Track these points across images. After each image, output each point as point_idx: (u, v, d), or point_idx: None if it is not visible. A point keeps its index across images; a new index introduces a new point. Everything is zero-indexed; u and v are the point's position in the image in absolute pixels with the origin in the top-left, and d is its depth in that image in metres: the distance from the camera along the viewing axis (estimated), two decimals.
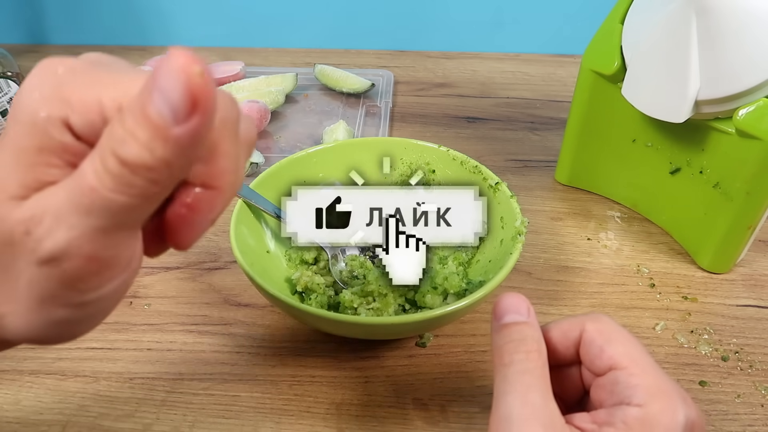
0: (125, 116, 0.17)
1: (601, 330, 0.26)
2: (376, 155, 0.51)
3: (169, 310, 0.45)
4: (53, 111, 0.18)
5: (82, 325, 0.21)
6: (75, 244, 0.18)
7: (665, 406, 0.23)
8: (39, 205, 0.18)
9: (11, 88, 0.45)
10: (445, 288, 0.41)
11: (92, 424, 0.37)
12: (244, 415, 0.37)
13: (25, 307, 0.19)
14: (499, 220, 0.44)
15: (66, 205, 0.18)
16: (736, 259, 0.49)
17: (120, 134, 0.17)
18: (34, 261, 0.18)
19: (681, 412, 0.23)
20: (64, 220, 0.18)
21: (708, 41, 0.40)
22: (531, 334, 0.26)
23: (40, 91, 0.18)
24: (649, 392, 0.24)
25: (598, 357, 0.25)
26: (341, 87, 0.74)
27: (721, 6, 0.39)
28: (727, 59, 0.40)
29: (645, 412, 0.23)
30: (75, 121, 0.18)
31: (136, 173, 0.17)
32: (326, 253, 0.45)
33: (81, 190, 0.17)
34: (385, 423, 0.37)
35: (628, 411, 0.23)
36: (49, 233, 0.18)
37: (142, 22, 0.89)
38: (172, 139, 0.16)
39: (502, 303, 0.27)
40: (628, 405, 0.24)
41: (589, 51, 0.50)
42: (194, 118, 0.16)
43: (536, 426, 0.23)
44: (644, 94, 0.45)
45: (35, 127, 0.18)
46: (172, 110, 0.16)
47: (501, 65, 0.85)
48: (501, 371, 0.25)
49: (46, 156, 0.18)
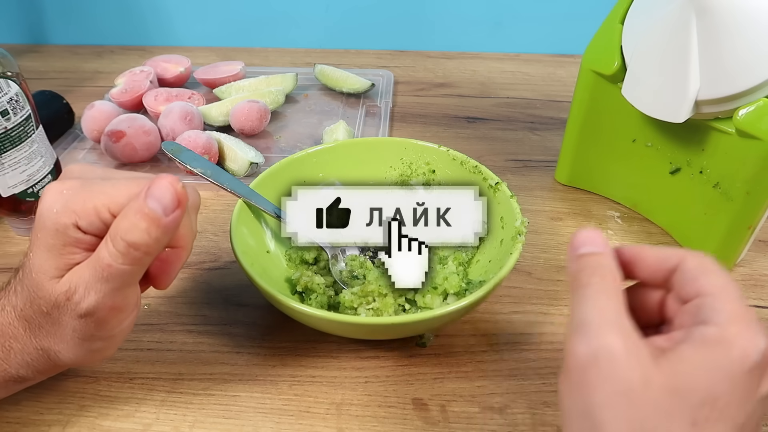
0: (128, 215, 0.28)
1: (701, 263, 0.26)
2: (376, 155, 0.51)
3: (169, 310, 0.45)
4: (67, 220, 0.29)
5: (109, 350, 0.33)
6: (101, 302, 0.29)
7: (744, 331, 0.23)
8: (72, 280, 0.29)
9: (11, 88, 0.45)
10: (445, 288, 0.41)
11: (92, 424, 0.37)
12: (244, 415, 0.37)
13: (72, 344, 0.31)
14: (499, 220, 0.44)
15: (92, 279, 0.29)
16: (736, 259, 0.49)
17: (125, 226, 0.28)
18: (75, 316, 0.29)
19: (762, 341, 0.23)
20: (92, 287, 0.29)
21: (708, 41, 0.40)
22: (607, 263, 0.26)
23: (56, 208, 0.29)
24: (731, 316, 0.23)
25: (690, 284, 0.25)
26: (341, 87, 0.74)
27: (721, 6, 0.39)
28: (726, 59, 0.40)
29: (722, 331, 0.23)
30: (82, 224, 0.29)
31: (138, 249, 0.28)
32: (326, 253, 0.45)
33: (101, 267, 0.28)
34: (385, 423, 0.37)
35: (705, 330, 0.23)
36: (83, 298, 0.29)
37: (142, 22, 0.90)
38: (163, 225, 0.28)
39: (579, 236, 0.27)
40: (706, 324, 0.23)
41: (589, 51, 0.50)
42: (177, 211, 0.28)
43: (613, 331, 0.23)
44: (644, 94, 0.45)
45: (58, 231, 0.29)
46: (163, 208, 0.28)
47: (501, 65, 0.85)
48: (578, 292, 0.25)
49: (69, 248, 0.29)
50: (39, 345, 0.31)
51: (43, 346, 0.31)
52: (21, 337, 0.31)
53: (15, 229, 0.52)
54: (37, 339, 0.31)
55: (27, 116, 0.47)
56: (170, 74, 0.73)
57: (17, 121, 0.46)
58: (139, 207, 0.28)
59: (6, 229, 0.53)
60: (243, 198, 0.43)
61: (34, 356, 0.32)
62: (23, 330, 0.31)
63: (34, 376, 0.33)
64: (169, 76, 0.73)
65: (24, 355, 0.31)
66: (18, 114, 0.46)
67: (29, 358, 0.32)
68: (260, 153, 0.60)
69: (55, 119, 0.64)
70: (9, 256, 0.50)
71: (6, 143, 0.45)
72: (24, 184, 0.48)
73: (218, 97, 0.71)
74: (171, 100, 0.66)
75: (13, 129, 0.45)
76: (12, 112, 0.45)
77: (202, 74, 0.74)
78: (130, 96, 0.67)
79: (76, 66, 0.85)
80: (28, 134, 0.47)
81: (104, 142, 0.58)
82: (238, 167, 0.58)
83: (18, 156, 0.47)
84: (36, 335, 0.31)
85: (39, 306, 0.30)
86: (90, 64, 0.85)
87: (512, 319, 0.44)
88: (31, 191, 0.49)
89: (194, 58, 0.79)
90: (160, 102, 0.66)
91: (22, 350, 0.31)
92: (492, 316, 0.44)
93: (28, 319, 0.31)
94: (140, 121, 0.60)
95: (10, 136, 0.45)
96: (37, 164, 0.49)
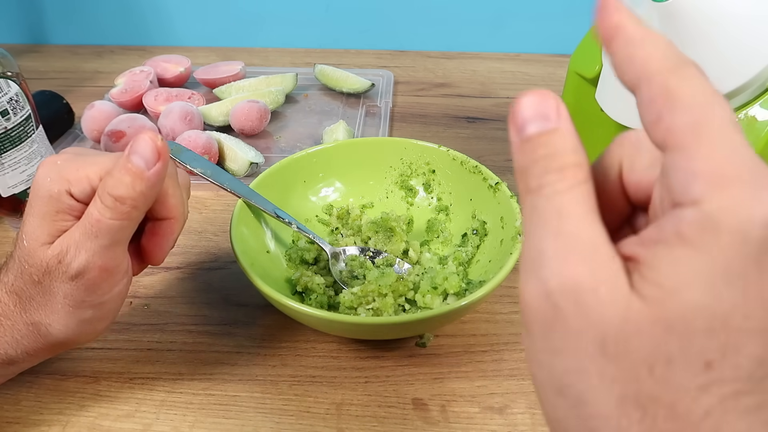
0: (113, 173, 0.29)
1: (669, 86, 0.17)
2: (376, 155, 0.51)
3: (169, 310, 0.45)
4: (61, 187, 0.30)
5: (100, 322, 0.33)
6: (91, 260, 0.30)
7: (735, 198, 0.15)
8: (63, 243, 0.30)
9: (11, 88, 0.45)
10: (445, 288, 0.41)
11: (92, 424, 0.37)
12: (244, 415, 0.37)
13: (63, 314, 0.31)
14: (499, 220, 0.44)
15: (81, 237, 0.30)
16: None
17: (111, 183, 0.29)
18: (66, 279, 0.30)
19: (758, 208, 0.15)
20: (82, 246, 0.30)
21: None
22: (564, 144, 0.18)
23: (51, 176, 0.30)
24: (711, 179, 0.15)
25: (653, 127, 0.17)
26: (341, 87, 0.74)
27: (684, 13, 0.37)
28: None
29: (702, 212, 0.15)
30: (74, 191, 0.30)
31: (124, 203, 0.29)
32: (326, 253, 0.45)
33: (90, 223, 0.29)
34: (385, 423, 0.37)
35: (681, 215, 0.16)
36: (74, 257, 0.30)
37: (142, 22, 0.89)
38: (146, 178, 0.29)
39: (521, 107, 0.19)
40: (682, 206, 0.16)
41: (576, 53, 0.49)
42: (159, 163, 0.29)
43: (574, 260, 0.17)
44: (613, 99, 0.44)
45: (51, 198, 0.30)
46: (145, 161, 0.29)
47: (501, 65, 0.85)
48: (528, 200, 0.18)
49: (61, 214, 0.30)
50: (29, 319, 0.31)
51: (33, 320, 0.31)
52: (10, 313, 0.31)
53: (15, 229, 0.52)
54: (27, 313, 0.31)
55: (27, 116, 0.47)
56: (170, 74, 0.73)
57: (17, 121, 0.46)
58: (123, 163, 0.29)
59: (6, 229, 0.53)
60: (243, 198, 0.43)
61: (23, 332, 0.32)
62: (13, 305, 0.31)
63: (23, 358, 0.33)
64: (169, 76, 0.73)
65: (13, 332, 0.32)
66: (18, 114, 0.46)
67: (18, 336, 0.32)
68: (260, 153, 0.60)
69: (55, 119, 0.64)
70: None
71: (6, 143, 0.45)
72: (24, 184, 0.48)
73: (218, 97, 0.71)
74: (171, 100, 0.66)
75: (13, 129, 0.45)
76: (12, 112, 0.45)
77: (202, 74, 0.74)
78: (130, 96, 0.67)
79: (76, 66, 0.85)
80: (28, 134, 0.47)
81: (104, 142, 0.58)
82: (238, 167, 0.58)
83: (18, 156, 0.47)
84: (26, 309, 0.31)
85: (30, 275, 0.31)
86: (90, 64, 0.85)
87: (512, 319, 0.44)
88: None
89: (194, 58, 0.79)
90: (160, 102, 0.66)
91: (12, 327, 0.31)
92: (492, 316, 0.44)
93: (19, 292, 0.31)
94: (140, 121, 0.60)
95: (10, 136, 0.45)
96: (37, 164, 0.49)
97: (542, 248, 0.17)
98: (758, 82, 0.38)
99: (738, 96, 0.38)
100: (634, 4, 0.41)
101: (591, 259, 0.17)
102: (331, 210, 0.50)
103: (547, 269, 0.17)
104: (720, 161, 0.16)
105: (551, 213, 0.18)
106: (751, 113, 0.38)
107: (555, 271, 0.17)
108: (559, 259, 0.17)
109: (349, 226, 0.49)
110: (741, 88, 0.37)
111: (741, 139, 0.16)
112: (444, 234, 0.49)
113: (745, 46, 0.37)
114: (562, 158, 0.18)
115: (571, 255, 0.17)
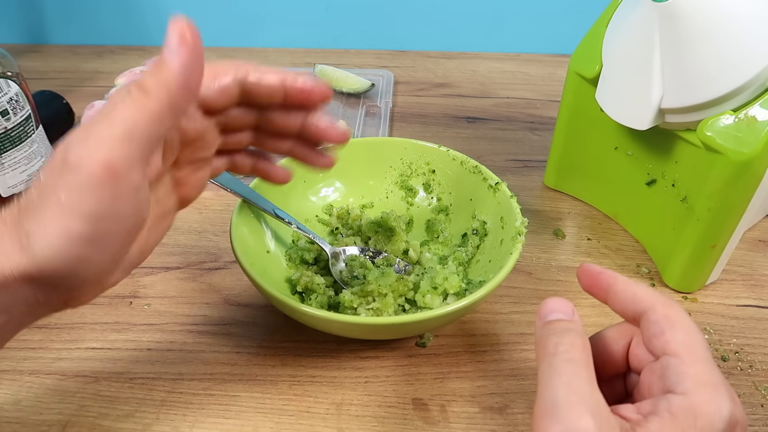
0: None
1: (668, 315, 0.26)
2: (376, 155, 0.51)
3: (169, 310, 0.45)
4: None
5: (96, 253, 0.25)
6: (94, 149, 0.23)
7: (710, 398, 0.23)
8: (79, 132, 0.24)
9: (11, 88, 0.45)
10: (445, 288, 0.41)
11: (92, 424, 0.37)
12: (244, 415, 0.37)
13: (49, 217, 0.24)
14: (499, 220, 0.44)
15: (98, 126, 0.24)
16: (705, 281, 0.46)
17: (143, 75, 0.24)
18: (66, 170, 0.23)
19: (726, 406, 0.23)
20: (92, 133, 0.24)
21: (671, 48, 0.38)
22: (575, 329, 0.26)
23: None
24: (696, 381, 0.24)
25: (657, 337, 0.26)
26: (341, 87, 0.74)
27: (685, 14, 0.37)
28: (690, 68, 0.38)
29: (689, 400, 0.23)
30: None
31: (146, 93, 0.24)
32: (326, 253, 0.45)
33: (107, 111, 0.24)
34: (385, 423, 0.37)
35: (672, 400, 0.24)
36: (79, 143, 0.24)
37: (142, 22, 0.89)
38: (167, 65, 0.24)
39: (547, 304, 0.28)
40: (674, 393, 0.24)
41: (576, 53, 0.49)
42: (182, 49, 0.24)
43: (583, 411, 0.23)
44: (613, 99, 0.44)
45: None
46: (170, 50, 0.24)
47: (501, 65, 0.85)
48: (545, 360, 0.25)
49: None
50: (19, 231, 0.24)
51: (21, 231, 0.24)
52: None
53: None
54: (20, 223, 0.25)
55: (27, 116, 0.47)
56: None
57: (17, 121, 0.46)
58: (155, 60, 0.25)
59: None
60: (243, 198, 0.43)
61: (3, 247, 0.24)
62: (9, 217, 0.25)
63: None
64: None
65: None
66: (18, 114, 0.46)
67: None
68: None
69: (55, 119, 0.64)
70: None
71: (6, 143, 0.45)
72: (24, 184, 0.48)
73: None
74: None
75: (13, 129, 0.45)
76: (12, 112, 0.45)
77: None
78: None
79: (76, 66, 0.85)
80: (28, 134, 0.47)
81: None
82: None
83: (18, 156, 0.47)
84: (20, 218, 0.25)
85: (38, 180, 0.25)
86: (90, 64, 0.85)
87: (512, 319, 0.44)
88: None
89: None
90: None
91: None
92: (492, 316, 0.44)
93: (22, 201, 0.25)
94: None
95: (10, 136, 0.45)
96: (37, 164, 0.49)
97: (557, 398, 0.23)
98: (758, 82, 0.38)
99: (738, 96, 0.38)
100: (634, 4, 0.41)
101: (597, 414, 0.23)
102: (331, 210, 0.50)
103: (563, 415, 0.23)
104: (702, 369, 0.24)
105: (565, 372, 0.24)
106: (751, 113, 0.38)
107: (571, 416, 0.23)
108: (572, 408, 0.23)
109: (349, 226, 0.49)
110: (741, 88, 0.38)
111: (710, 355, 0.25)
112: (444, 234, 0.49)
113: (745, 46, 0.37)
114: (573, 335, 0.26)
115: (583, 407, 0.23)
